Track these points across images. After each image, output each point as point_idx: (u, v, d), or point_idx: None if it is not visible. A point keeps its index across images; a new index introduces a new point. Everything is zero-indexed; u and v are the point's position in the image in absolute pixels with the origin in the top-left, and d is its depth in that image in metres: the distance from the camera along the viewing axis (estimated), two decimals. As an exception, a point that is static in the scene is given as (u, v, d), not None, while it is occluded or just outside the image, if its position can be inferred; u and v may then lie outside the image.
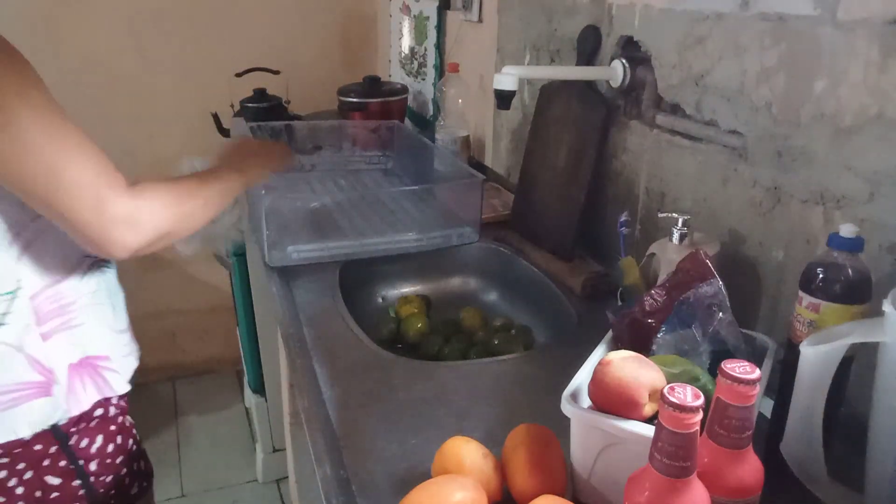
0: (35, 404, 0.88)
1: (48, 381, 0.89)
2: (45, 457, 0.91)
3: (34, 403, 0.88)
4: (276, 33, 2.40)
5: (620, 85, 1.12)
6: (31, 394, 0.87)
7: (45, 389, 0.88)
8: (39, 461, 0.91)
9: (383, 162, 1.73)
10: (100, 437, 0.97)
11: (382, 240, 1.30)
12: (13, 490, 0.90)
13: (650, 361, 0.67)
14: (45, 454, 0.91)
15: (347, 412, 0.84)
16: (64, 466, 0.93)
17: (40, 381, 0.88)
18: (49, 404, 0.89)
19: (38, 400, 0.88)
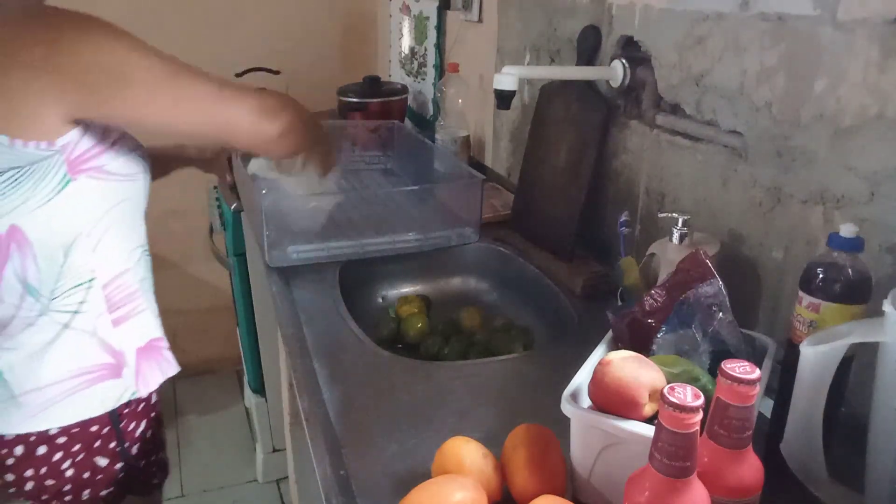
0: (107, 385, 0.95)
1: (119, 363, 0.96)
2: (98, 438, 0.97)
3: (106, 384, 0.95)
4: (276, 33, 2.40)
5: (620, 85, 1.12)
6: (103, 375, 0.94)
7: (116, 371, 0.95)
8: (92, 443, 0.96)
9: (383, 162, 1.73)
10: (143, 422, 1.04)
11: (382, 240, 1.29)
12: (64, 472, 0.95)
13: (650, 361, 0.67)
14: (99, 435, 0.97)
15: (347, 412, 0.84)
16: (112, 448, 0.99)
17: (111, 364, 0.95)
18: (119, 385, 0.96)
19: (110, 381, 0.95)
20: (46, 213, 0.84)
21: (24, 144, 0.79)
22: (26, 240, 0.84)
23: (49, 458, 0.94)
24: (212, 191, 2.08)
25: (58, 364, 0.91)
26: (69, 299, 0.90)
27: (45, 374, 0.91)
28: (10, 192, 0.81)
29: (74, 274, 0.89)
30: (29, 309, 0.89)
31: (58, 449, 0.94)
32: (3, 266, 0.85)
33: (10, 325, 0.89)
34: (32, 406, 0.92)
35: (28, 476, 0.95)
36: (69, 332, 0.91)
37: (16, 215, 0.82)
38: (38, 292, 0.88)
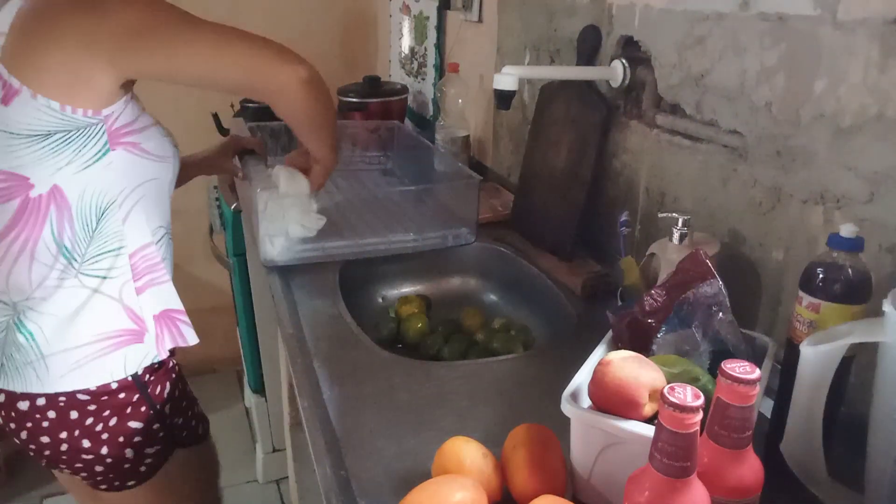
0: (130, 349, 1.00)
1: (141, 329, 1.01)
2: (128, 404, 1.02)
3: (129, 349, 1.00)
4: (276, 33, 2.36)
5: (620, 85, 1.12)
6: (126, 340, 0.99)
7: (139, 336, 1.01)
8: (123, 408, 1.01)
9: (383, 162, 1.73)
10: (168, 383, 1.09)
11: (378, 240, 1.29)
12: (99, 434, 1.00)
13: (650, 361, 0.67)
14: (129, 402, 1.02)
15: (347, 412, 0.84)
16: (145, 412, 1.04)
17: (134, 329, 1.00)
18: (142, 350, 1.01)
19: (133, 346, 1.00)
20: (86, 177, 0.91)
21: (73, 111, 0.86)
22: (66, 201, 0.91)
23: (82, 422, 0.99)
24: (212, 191, 2.08)
25: (85, 327, 0.96)
26: (98, 265, 0.96)
27: (73, 336, 0.96)
28: (57, 154, 0.88)
29: (105, 240, 0.95)
30: (61, 271, 0.94)
31: (89, 414, 0.99)
32: (41, 225, 0.91)
33: (40, 287, 0.94)
34: (60, 367, 0.96)
35: (63, 438, 0.99)
36: (97, 297, 0.96)
37: (59, 176, 0.89)
38: (71, 254, 0.93)
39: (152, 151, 0.97)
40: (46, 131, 0.86)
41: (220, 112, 2.05)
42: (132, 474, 1.07)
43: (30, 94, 0.84)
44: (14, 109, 0.85)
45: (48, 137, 0.87)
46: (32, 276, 0.93)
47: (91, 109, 0.88)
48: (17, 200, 0.90)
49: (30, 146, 0.87)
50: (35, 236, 0.91)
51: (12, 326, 0.96)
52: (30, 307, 0.95)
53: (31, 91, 0.84)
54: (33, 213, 0.90)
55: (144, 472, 1.08)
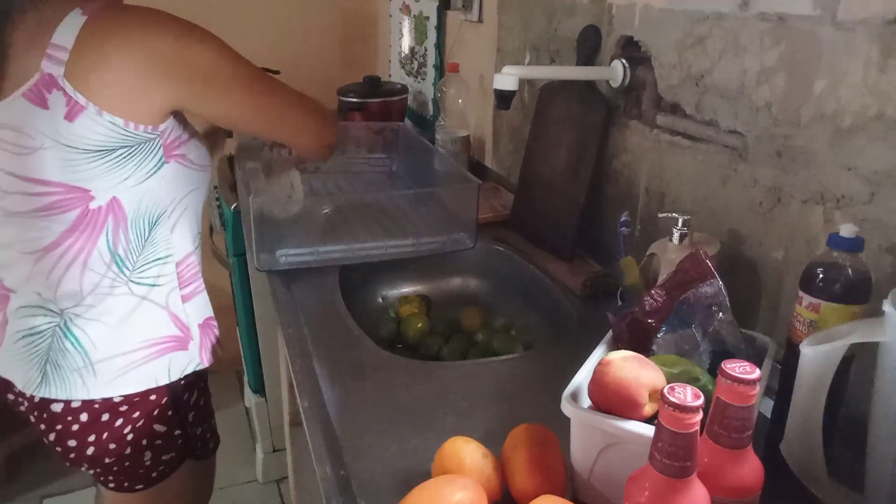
0: (175, 356, 1.03)
1: (186, 336, 1.05)
2: (157, 406, 1.03)
3: (174, 355, 1.03)
4: (276, 33, 2.40)
5: (620, 85, 1.12)
6: (172, 346, 1.03)
7: (183, 343, 1.05)
8: (152, 411, 1.03)
9: (387, 164, 1.72)
10: (196, 391, 1.12)
11: (375, 245, 1.28)
12: (126, 436, 1.02)
13: (650, 361, 0.67)
14: (158, 404, 1.04)
15: (347, 412, 0.84)
16: (170, 416, 1.06)
17: (179, 336, 1.04)
18: (186, 357, 1.05)
19: (178, 353, 1.04)
20: (142, 190, 0.94)
21: (135, 127, 0.89)
22: (123, 212, 0.94)
23: (112, 425, 1.00)
24: (212, 191, 2.08)
25: (133, 334, 0.99)
26: (148, 272, 0.99)
27: (121, 342, 0.98)
28: (119, 168, 0.91)
29: (155, 249, 0.99)
30: (112, 279, 0.96)
31: (119, 416, 1.00)
32: (98, 235, 0.93)
33: (91, 294, 0.96)
34: (108, 373, 0.98)
35: (91, 441, 1.01)
36: (146, 304, 1.00)
37: (119, 189, 0.92)
38: (123, 263, 0.96)
39: (196, 161, 1.02)
40: (111, 147, 0.89)
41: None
42: (143, 478, 1.08)
43: (95, 110, 0.85)
44: (79, 125, 0.85)
45: (112, 153, 0.89)
46: (84, 283, 0.95)
47: (151, 125, 0.91)
48: (77, 211, 0.91)
49: (93, 161, 0.88)
50: (90, 246, 0.93)
51: (58, 334, 0.96)
52: (78, 314, 0.96)
53: (97, 108, 0.85)
54: (91, 223, 0.92)
55: (155, 477, 1.09)
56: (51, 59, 0.84)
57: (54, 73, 0.84)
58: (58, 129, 0.85)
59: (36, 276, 0.94)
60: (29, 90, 0.85)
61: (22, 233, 0.93)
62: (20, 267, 0.95)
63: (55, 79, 0.84)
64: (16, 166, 0.88)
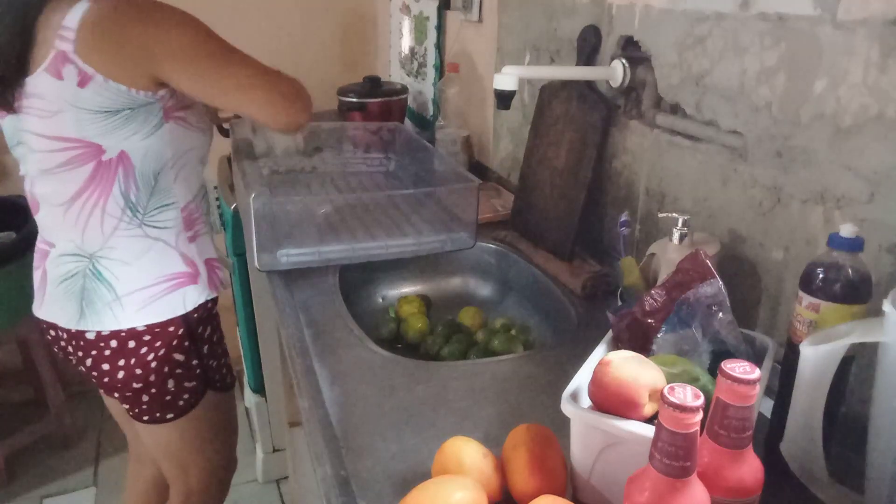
0: (189, 289, 1.20)
1: (195, 272, 1.21)
2: (175, 337, 1.20)
3: (188, 289, 1.20)
4: (277, 33, 2.40)
5: (620, 85, 1.12)
6: (184, 281, 1.20)
7: (194, 278, 1.21)
8: (171, 340, 1.19)
9: (385, 164, 1.72)
10: (209, 326, 1.28)
11: (375, 244, 1.28)
12: (150, 363, 1.18)
13: (650, 361, 0.67)
14: (176, 335, 1.20)
15: (347, 412, 0.84)
16: (188, 346, 1.22)
17: (189, 272, 1.21)
18: (198, 289, 1.22)
19: (191, 286, 1.20)
20: (146, 145, 1.09)
21: (136, 92, 1.04)
22: (131, 163, 1.09)
23: (137, 352, 1.17)
24: (212, 191, 2.08)
25: (151, 270, 1.16)
26: (158, 217, 1.15)
27: (142, 278, 1.15)
28: (124, 126, 1.06)
29: (161, 196, 1.15)
30: (127, 223, 1.13)
31: (144, 344, 1.17)
32: (111, 183, 1.10)
33: (112, 237, 1.13)
34: (134, 304, 1.15)
35: (121, 366, 1.17)
36: (158, 244, 1.16)
37: (126, 144, 1.07)
38: (135, 208, 1.12)
39: (195, 124, 1.16)
40: (116, 109, 1.04)
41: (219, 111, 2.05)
42: (171, 407, 1.24)
43: (102, 78, 1.01)
44: (90, 91, 1.01)
45: (118, 113, 1.04)
46: (105, 227, 1.12)
47: (150, 91, 1.06)
48: (93, 164, 1.07)
49: (103, 120, 1.04)
50: (106, 193, 1.10)
51: (89, 274, 1.14)
52: (103, 255, 1.13)
53: (104, 77, 1.01)
54: (105, 173, 1.08)
55: (182, 406, 1.25)
56: (63, 39, 1.00)
57: (66, 49, 1.00)
58: (73, 95, 1.01)
59: (67, 225, 1.12)
60: (49, 65, 1.01)
61: (53, 186, 1.10)
62: (55, 219, 1.13)
63: (67, 54, 1.00)
64: (43, 128, 1.05)
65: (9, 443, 2.13)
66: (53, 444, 2.28)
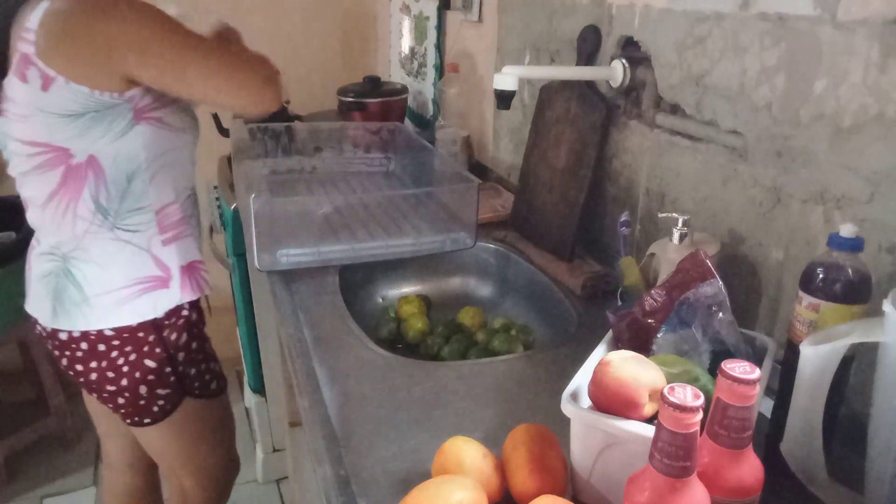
0: (159, 293, 1.18)
1: (167, 276, 1.19)
2: (146, 343, 1.18)
3: (158, 293, 1.18)
4: (277, 33, 2.40)
5: (620, 85, 1.12)
6: (155, 285, 1.17)
7: (165, 282, 1.19)
8: (142, 346, 1.18)
9: (385, 164, 1.72)
10: (185, 334, 1.24)
11: (375, 244, 1.28)
12: (121, 367, 1.17)
13: (650, 361, 0.67)
14: (146, 341, 1.18)
15: (347, 412, 0.84)
16: (159, 353, 1.20)
17: (161, 276, 1.18)
18: (167, 294, 1.19)
19: (161, 290, 1.18)
20: (116, 147, 1.07)
21: (100, 94, 1.01)
22: (101, 167, 1.07)
23: (108, 355, 1.16)
24: (212, 190, 2.08)
25: (121, 273, 1.14)
26: (130, 220, 1.13)
27: (111, 280, 1.14)
28: (90, 129, 1.04)
29: (134, 200, 1.12)
30: (98, 225, 1.11)
31: (113, 348, 1.16)
32: (81, 188, 1.08)
33: (83, 238, 1.12)
34: (102, 307, 1.14)
35: (93, 367, 1.17)
36: (130, 247, 1.14)
37: (94, 147, 1.05)
38: (106, 211, 1.11)
39: (173, 124, 1.13)
40: (81, 111, 1.02)
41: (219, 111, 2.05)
42: (147, 412, 1.23)
43: (64, 81, 0.99)
44: (52, 94, 0.99)
45: (82, 116, 1.02)
46: (76, 229, 1.11)
47: (116, 93, 1.03)
48: (62, 168, 1.06)
49: (69, 124, 1.02)
50: (77, 197, 1.08)
51: (62, 274, 1.13)
52: (75, 256, 1.12)
53: (65, 79, 0.99)
54: (74, 177, 1.07)
55: (157, 412, 1.24)
56: (25, 41, 1.00)
57: (28, 52, 0.99)
58: (37, 98, 1.00)
59: (45, 225, 1.13)
60: (16, 68, 1.01)
61: (31, 188, 1.11)
62: (37, 219, 1.14)
63: (30, 57, 0.99)
64: (19, 132, 1.05)
65: (9, 443, 2.13)
66: (53, 444, 2.27)
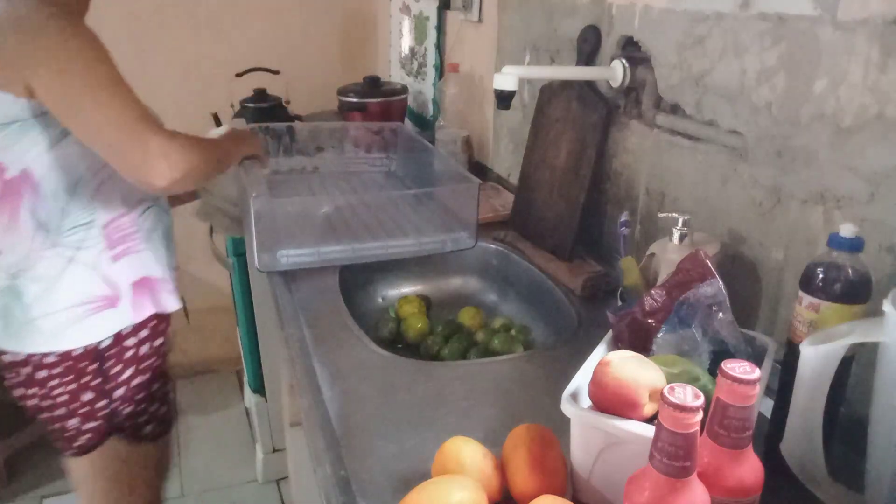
0: (106, 314, 1.09)
1: (115, 295, 1.10)
2: (86, 373, 1.10)
3: (105, 313, 1.09)
4: (276, 33, 2.40)
5: (620, 85, 1.12)
6: (102, 305, 1.09)
7: (113, 302, 1.10)
8: (80, 376, 1.10)
9: (386, 164, 1.72)
10: (130, 369, 1.15)
11: (376, 244, 1.28)
12: (56, 398, 1.11)
13: (650, 361, 0.67)
14: (86, 371, 1.10)
15: (347, 412, 0.84)
16: (97, 385, 1.12)
17: (109, 295, 1.10)
18: (116, 314, 1.10)
19: (108, 311, 1.09)
20: (51, 157, 1.00)
21: (27, 100, 0.96)
22: (36, 181, 1.00)
23: (46, 382, 1.10)
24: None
25: (66, 293, 1.06)
26: (74, 236, 1.06)
27: (57, 300, 1.06)
28: (21, 139, 0.98)
29: (77, 214, 1.05)
30: (41, 243, 1.04)
31: (54, 377, 1.09)
32: (19, 204, 1.01)
33: (26, 257, 1.05)
34: (47, 329, 1.06)
35: (30, 394, 1.12)
36: (74, 265, 1.06)
37: (27, 160, 0.99)
38: (47, 227, 1.04)
39: None
40: (7, 120, 0.96)
41: (219, 112, 2.05)
42: (71, 443, 1.16)
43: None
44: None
45: (10, 126, 0.97)
46: (17, 248, 1.04)
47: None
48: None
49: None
50: (15, 213, 1.02)
51: (8, 293, 1.06)
52: (20, 275, 1.05)
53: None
54: (10, 193, 1.00)
55: (79, 445, 1.16)
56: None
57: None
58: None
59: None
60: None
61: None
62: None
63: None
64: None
65: (9, 443, 2.13)
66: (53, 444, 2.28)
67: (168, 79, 2.30)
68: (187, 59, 2.33)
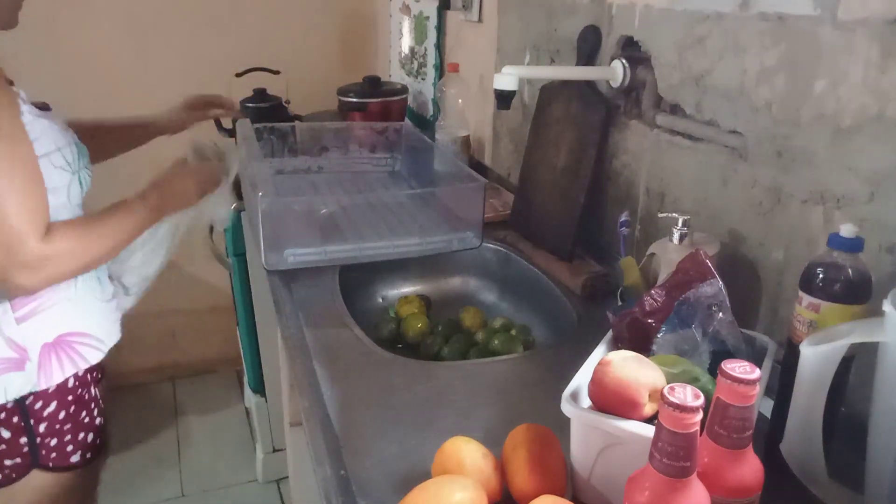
0: (10, 377, 1.02)
1: (22, 358, 1.02)
2: (2, 410, 1.03)
3: (9, 376, 1.02)
4: (276, 33, 2.40)
5: (620, 85, 1.12)
6: (7, 368, 1.01)
7: (19, 365, 1.02)
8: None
9: (390, 164, 1.72)
10: (54, 403, 1.08)
11: (382, 244, 1.28)
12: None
13: (650, 361, 0.67)
14: (3, 408, 1.03)
15: (347, 412, 0.84)
16: (16, 423, 1.05)
17: (14, 358, 1.02)
18: (21, 377, 1.03)
19: (12, 373, 1.02)
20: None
21: None
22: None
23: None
24: (212, 191, 2.08)
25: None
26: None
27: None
28: None
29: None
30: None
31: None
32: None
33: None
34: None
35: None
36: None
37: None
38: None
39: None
40: None
41: (219, 112, 2.05)
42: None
43: None
44: None
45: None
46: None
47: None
48: None
49: None
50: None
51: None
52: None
53: None
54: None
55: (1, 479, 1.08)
56: None
57: None
58: None
59: None
60: None
61: None
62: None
63: None
64: None
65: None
66: None
67: (168, 79, 2.30)
68: (187, 59, 2.32)
